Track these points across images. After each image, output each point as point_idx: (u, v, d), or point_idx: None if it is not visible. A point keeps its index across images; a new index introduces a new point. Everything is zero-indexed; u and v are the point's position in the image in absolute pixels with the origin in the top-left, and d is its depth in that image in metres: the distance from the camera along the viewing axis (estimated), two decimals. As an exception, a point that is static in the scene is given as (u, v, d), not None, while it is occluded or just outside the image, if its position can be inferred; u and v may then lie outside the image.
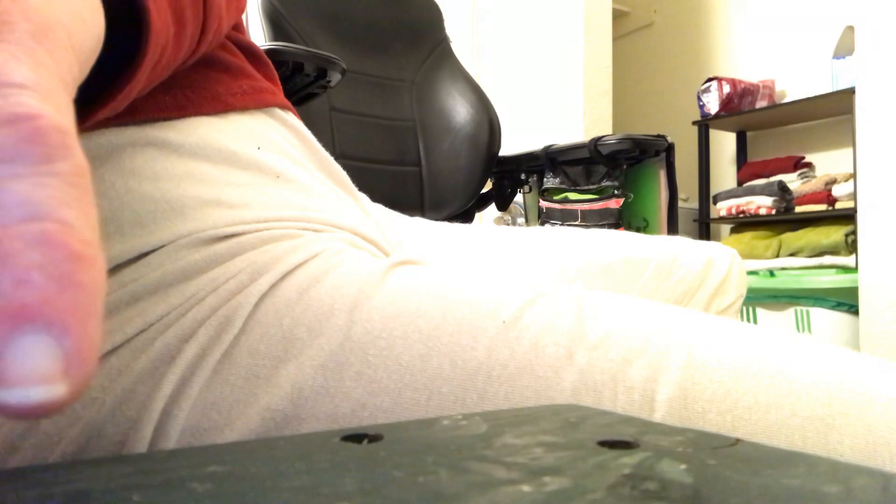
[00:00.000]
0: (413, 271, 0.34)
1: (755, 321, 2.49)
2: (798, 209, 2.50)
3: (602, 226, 1.42)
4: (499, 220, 2.13)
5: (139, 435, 0.28)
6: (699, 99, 2.82)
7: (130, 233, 0.31)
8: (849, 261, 2.29)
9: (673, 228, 1.43)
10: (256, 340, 0.30)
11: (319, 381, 0.29)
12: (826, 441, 0.28)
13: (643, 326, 0.32)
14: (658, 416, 0.29)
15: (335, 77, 1.05)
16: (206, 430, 0.29)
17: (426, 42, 1.57)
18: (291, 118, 0.45)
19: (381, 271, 0.33)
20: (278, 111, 0.44)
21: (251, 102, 0.42)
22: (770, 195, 2.54)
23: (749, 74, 2.85)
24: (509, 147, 1.55)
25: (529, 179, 1.57)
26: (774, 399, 0.29)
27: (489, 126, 1.49)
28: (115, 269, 0.31)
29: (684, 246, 0.67)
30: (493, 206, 1.60)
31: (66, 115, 0.15)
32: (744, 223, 2.71)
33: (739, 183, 2.76)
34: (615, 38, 2.66)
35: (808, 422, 0.29)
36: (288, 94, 1.04)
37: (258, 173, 0.37)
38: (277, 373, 0.29)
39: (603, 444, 0.18)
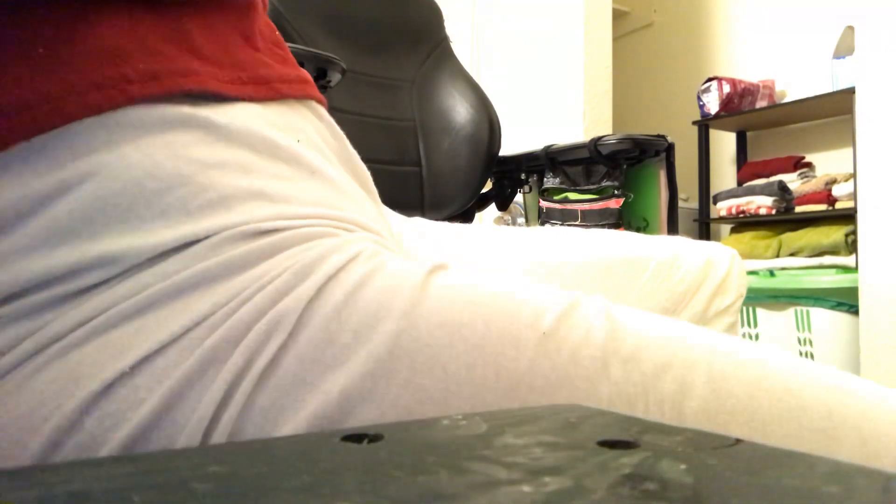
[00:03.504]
0: (451, 278, 0.34)
1: (755, 321, 2.49)
2: (798, 209, 2.50)
3: (602, 226, 1.42)
4: (499, 220, 2.13)
5: (187, 442, 0.27)
6: (699, 99, 2.82)
7: (175, 219, 0.31)
8: (849, 261, 2.29)
9: (673, 228, 1.43)
10: (304, 345, 0.29)
11: (368, 388, 0.29)
12: (827, 453, 0.30)
13: (668, 340, 0.33)
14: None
15: (335, 77, 1.05)
16: (254, 437, 0.28)
17: (426, 42, 1.57)
18: (325, 113, 0.45)
19: (422, 277, 0.33)
20: (315, 105, 0.44)
21: (298, 92, 0.41)
22: (770, 195, 2.54)
23: (749, 74, 2.85)
24: (509, 147, 1.55)
25: (529, 179, 1.57)
26: (786, 413, 0.31)
27: (489, 126, 1.49)
28: (160, 256, 0.30)
29: (684, 246, 0.67)
30: (493, 206, 1.60)
31: None
32: (744, 223, 2.71)
33: (739, 183, 2.76)
34: (615, 38, 2.65)
35: (812, 434, 0.31)
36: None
37: (296, 167, 0.37)
38: (325, 379, 0.29)
39: (603, 444, 0.18)
